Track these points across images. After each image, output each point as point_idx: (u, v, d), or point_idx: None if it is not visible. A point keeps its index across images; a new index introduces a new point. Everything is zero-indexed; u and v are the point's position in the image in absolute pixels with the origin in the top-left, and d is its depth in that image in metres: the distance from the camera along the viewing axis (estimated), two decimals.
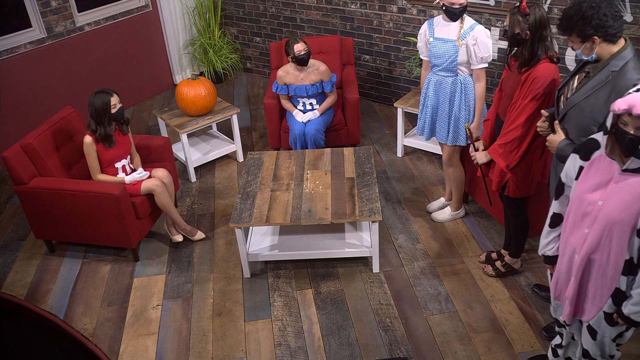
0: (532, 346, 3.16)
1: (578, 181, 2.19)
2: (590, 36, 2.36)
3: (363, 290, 3.63)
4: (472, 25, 3.55)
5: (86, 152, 3.81)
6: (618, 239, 2.07)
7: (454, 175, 3.98)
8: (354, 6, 5.63)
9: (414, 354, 3.17)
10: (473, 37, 3.51)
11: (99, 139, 3.79)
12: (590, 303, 2.26)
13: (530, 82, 2.90)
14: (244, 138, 5.45)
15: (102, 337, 3.42)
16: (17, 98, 5.24)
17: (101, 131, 3.77)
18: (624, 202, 2.02)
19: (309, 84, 4.54)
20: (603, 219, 2.09)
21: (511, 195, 3.22)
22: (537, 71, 2.88)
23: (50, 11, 5.32)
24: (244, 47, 6.79)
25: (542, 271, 3.65)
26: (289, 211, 3.58)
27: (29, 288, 3.84)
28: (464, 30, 3.54)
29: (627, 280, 2.12)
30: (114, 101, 3.76)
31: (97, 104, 3.72)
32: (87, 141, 3.78)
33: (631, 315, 2.12)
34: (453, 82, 3.68)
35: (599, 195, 2.10)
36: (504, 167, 3.10)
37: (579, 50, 2.46)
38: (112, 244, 3.93)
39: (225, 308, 3.58)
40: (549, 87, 2.86)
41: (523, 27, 2.88)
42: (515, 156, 3.05)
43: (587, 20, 2.33)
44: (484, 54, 3.54)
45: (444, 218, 4.14)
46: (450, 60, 3.60)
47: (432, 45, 3.66)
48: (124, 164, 3.95)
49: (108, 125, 3.78)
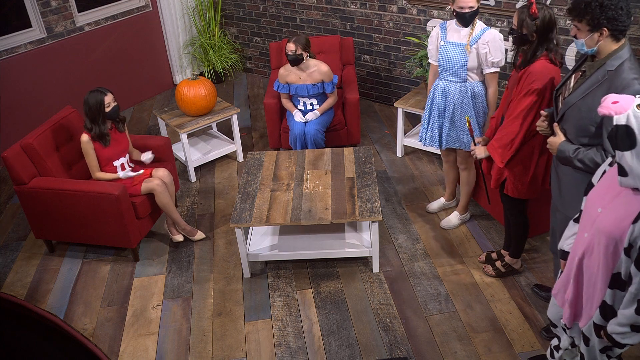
0: (532, 346, 3.15)
1: (597, 184, 2.17)
2: (601, 26, 2.34)
3: (363, 290, 3.63)
4: (483, 30, 3.48)
5: (84, 151, 3.83)
6: (604, 250, 2.04)
7: (466, 179, 3.92)
8: (354, 6, 5.63)
9: (414, 354, 3.17)
10: (484, 40, 3.46)
11: (95, 137, 3.80)
12: (584, 309, 2.25)
13: (525, 77, 2.93)
14: (244, 138, 5.45)
15: (102, 337, 3.42)
16: (17, 98, 5.24)
17: (96, 130, 3.79)
18: (618, 215, 1.98)
19: (311, 83, 4.54)
20: (597, 227, 2.06)
21: (510, 195, 3.22)
22: (532, 67, 2.91)
23: (50, 11, 5.32)
24: (244, 47, 6.79)
25: (543, 271, 3.65)
26: (289, 211, 3.58)
27: (29, 288, 3.84)
28: (474, 36, 3.47)
29: (613, 294, 2.07)
30: (108, 100, 3.77)
31: (91, 103, 3.74)
32: (84, 139, 3.80)
33: (613, 335, 2.08)
34: (461, 89, 3.61)
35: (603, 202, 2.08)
36: (498, 163, 3.12)
37: (581, 40, 2.44)
38: (112, 244, 3.93)
39: (225, 308, 3.58)
40: (543, 83, 2.87)
41: (531, 29, 2.88)
42: (508, 151, 3.06)
43: (604, 8, 2.31)
44: (495, 58, 3.48)
45: (456, 223, 4.09)
46: (460, 66, 3.54)
47: (442, 49, 3.59)
48: (122, 162, 3.96)
49: (102, 124, 3.80)
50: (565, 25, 4.46)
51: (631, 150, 1.86)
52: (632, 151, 1.86)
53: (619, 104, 1.88)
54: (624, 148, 1.87)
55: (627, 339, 2.05)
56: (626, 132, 1.85)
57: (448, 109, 3.71)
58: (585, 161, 2.49)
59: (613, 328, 2.06)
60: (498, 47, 3.47)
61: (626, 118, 1.85)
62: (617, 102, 1.89)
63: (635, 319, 1.98)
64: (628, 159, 1.87)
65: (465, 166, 3.86)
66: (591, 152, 2.48)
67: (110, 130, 3.88)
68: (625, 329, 2.02)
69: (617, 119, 1.87)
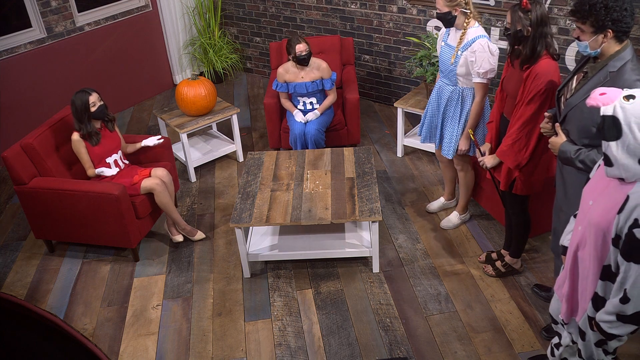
0: (532, 346, 3.15)
1: (591, 178, 2.19)
2: (605, 28, 2.33)
3: (363, 290, 3.63)
4: (476, 38, 3.39)
5: (75, 150, 3.87)
6: (594, 242, 2.06)
7: (464, 180, 3.92)
8: (354, 6, 5.63)
9: (414, 354, 3.17)
10: (472, 49, 3.38)
11: (84, 137, 3.84)
12: (580, 304, 2.26)
13: (532, 78, 2.89)
14: (244, 138, 5.45)
15: (102, 337, 3.42)
16: (17, 98, 5.24)
17: (84, 129, 3.82)
18: (606, 206, 2.00)
19: (309, 81, 4.54)
20: (588, 220, 2.08)
21: (518, 193, 3.20)
22: (538, 67, 2.88)
23: (50, 11, 5.32)
24: (244, 47, 6.79)
25: (543, 271, 3.65)
26: (289, 211, 3.58)
27: (29, 288, 3.84)
28: (466, 42, 3.41)
29: (604, 285, 2.09)
30: (93, 99, 3.79)
31: (77, 104, 3.78)
32: (75, 138, 3.84)
33: (601, 324, 2.09)
34: (452, 92, 3.61)
35: (593, 195, 2.10)
36: (514, 167, 3.08)
37: (584, 42, 2.44)
38: (112, 244, 3.93)
39: (225, 308, 3.58)
40: (551, 83, 2.86)
41: (525, 23, 2.87)
42: (525, 154, 3.04)
43: (609, 10, 2.30)
44: (481, 68, 3.39)
45: (456, 223, 4.10)
46: (451, 69, 3.54)
47: (441, 50, 3.61)
48: (115, 159, 4.00)
49: (89, 123, 3.83)
50: (565, 25, 4.46)
51: (617, 140, 1.90)
52: (617, 142, 1.90)
53: (606, 95, 1.92)
54: (610, 138, 1.91)
55: (614, 328, 2.07)
56: (612, 123, 1.89)
57: (440, 109, 3.74)
58: (586, 162, 2.49)
59: (601, 316, 2.09)
60: (485, 58, 3.36)
61: (613, 109, 1.89)
62: (604, 93, 1.93)
63: (621, 308, 2.00)
64: (613, 149, 1.91)
65: (461, 167, 3.87)
66: (592, 153, 2.48)
67: (100, 129, 3.91)
68: (612, 317, 2.05)
69: (604, 110, 1.91)
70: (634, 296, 1.95)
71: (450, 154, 3.75)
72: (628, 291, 1.96)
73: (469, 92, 3.59)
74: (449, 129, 3.71)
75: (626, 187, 1.95)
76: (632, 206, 1.90)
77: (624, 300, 1.98)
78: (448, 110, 3.70)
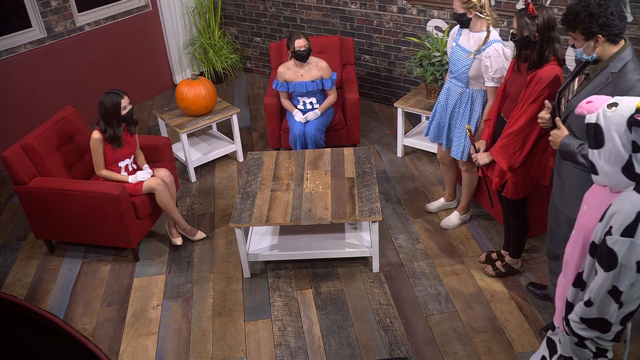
0: (532, 346, 3.15)
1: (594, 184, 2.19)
2: (595, 34, 2.34)
3: (363, 290, 3.63)
4: (492, 41, 3.39)
5: (92, 148, 3.79)
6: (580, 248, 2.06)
7: (468, 180, 3.91)
8: (354, 6, 5.63)
9: (414, 354, 3.17)
10: (487, 54, 3.38)
11: (108, 139, 3.78)
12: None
13: (535, 82, 2.88)
14: (244, 138, 5.45)
15: (102, 337, 3.42)
16: (17, 98, 5.24)
17: (110, 132, 3.76)
18: (593, 214, 2.00)
19: (309, 80, 4.54)
20: (579, 225, 2.09)
21: (509, 197, 3.21)
22: (543, 71, 2.87)
23: (50, 11, 5.32)
24: (244, 47, 6.79)
25: (543, 271, 3.65)
26: (289, 211, 3.58)
27: (29, 288, 3.84)
28: (483, 46, 3.40)
29: (575, 292, 2.08)
30: (124, 103, 3.74)
31: (107, 105, 3.70)
32: (95, 137, 3.76)
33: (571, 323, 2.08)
34: (462, 93, 3.61)
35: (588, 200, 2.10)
36: (506, 168, 3.09)
37: (580, 49, 2.44)
38: (112, 244, 3.93)
39: (225, 308, 3.58)
40: (553, 88, 2.85)
41: (532, 29, 2.86)
42: (519, 157, 3.03)
43: (594, 17, 2.31)
44: (495, 73, 3.39)
45: (456, 223, 4.09)
46: (462, 71, 3.54)
47: (452, 51, 3.60)
48: (127, 164, 3.95)
49: (117, 127, 3.76)
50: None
51: (599, 149, 1.90)
52: (600, 150, 1.90)
53: (592, 103, 1.92)
54: (593, 146, 1.92)
55: (580, 330, 2.06)
56: (595, 131, 1.89)
57: (448, 110, 3.73)
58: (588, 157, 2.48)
59: (570, 316, 2.10)
60: (500, 63, 3.37)
61: (596, 117, 1.89)
62: (591, 101, 1.93)
63: (584, 312, 2.00)
64: (597, 157, 1.92)
65: (466, 168, 3.86)
66: None
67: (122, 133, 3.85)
68: (578, 319, 2.04)
69: (588, 118, 1.91)
70: (596, 301, 1.95)
71: (459, 155, 3.74)
72: (592, 296, 1.96)
73: (479, 94, 3.59)
74: (458, 130, 3.71)
75: (612, 196, 1.94)
76: (610, 213, 1.89)
77: (588, 303, 1.98)
78: (457, 111, 3.69)
